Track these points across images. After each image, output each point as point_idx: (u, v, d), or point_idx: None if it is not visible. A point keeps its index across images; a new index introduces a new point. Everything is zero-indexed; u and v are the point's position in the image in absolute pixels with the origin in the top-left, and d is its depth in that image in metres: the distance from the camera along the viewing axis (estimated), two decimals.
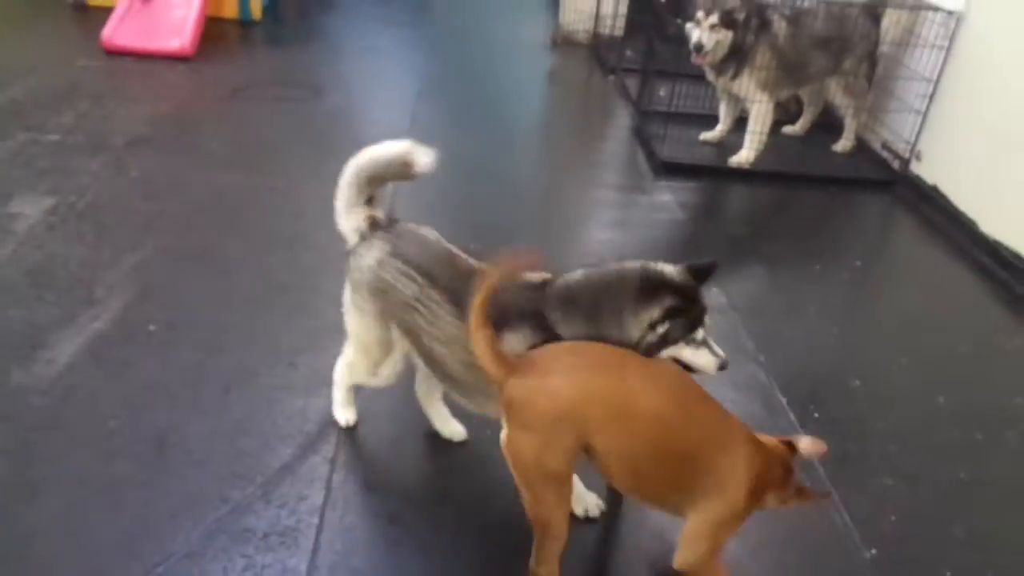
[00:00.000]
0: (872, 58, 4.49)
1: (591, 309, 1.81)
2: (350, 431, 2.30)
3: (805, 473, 2.30)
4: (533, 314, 1.83)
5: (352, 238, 2.09)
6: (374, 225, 2.07)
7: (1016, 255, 3.53)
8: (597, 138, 5.03)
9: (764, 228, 4.02)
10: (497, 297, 1.72)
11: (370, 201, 2.09)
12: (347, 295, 2.12)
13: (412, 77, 5.31)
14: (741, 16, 4.15)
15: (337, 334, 2.69)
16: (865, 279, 3.55)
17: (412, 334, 2.00)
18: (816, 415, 2.55)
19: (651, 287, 1.80)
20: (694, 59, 4.20)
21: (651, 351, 1.80)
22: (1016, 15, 3.73)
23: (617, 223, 3.85)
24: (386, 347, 2.09)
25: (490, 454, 2.19)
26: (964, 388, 2.81)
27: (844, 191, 4.34)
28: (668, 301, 1.78)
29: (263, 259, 3.08)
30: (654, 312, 1.78)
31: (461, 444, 2.30)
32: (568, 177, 4.37)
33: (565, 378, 1.65)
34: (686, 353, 1.83)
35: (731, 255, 3.58)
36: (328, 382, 2.43)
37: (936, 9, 4.18)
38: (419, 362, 2.09)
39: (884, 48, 4.50)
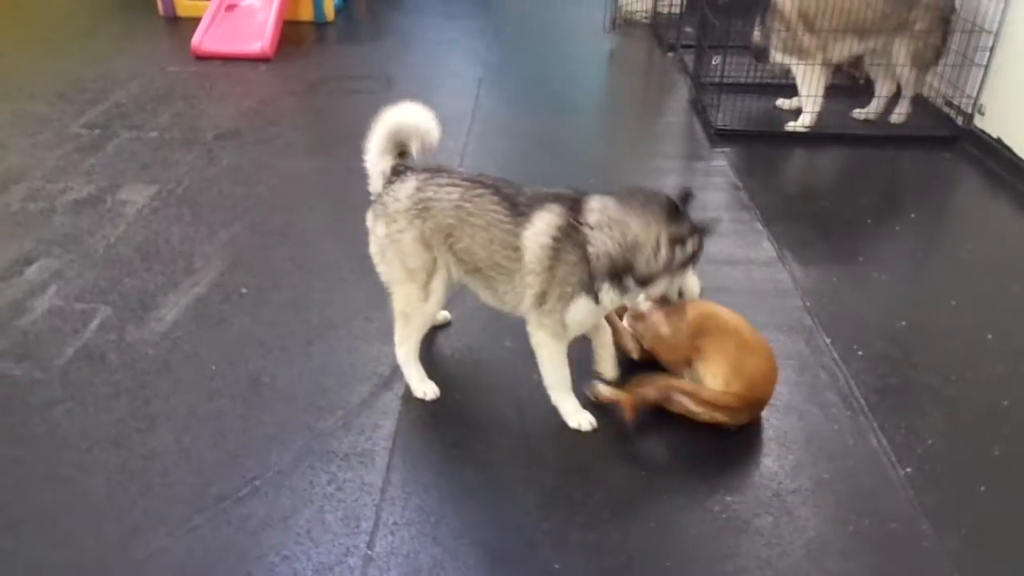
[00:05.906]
0: (947, 23, 4.21)
1: (621, 225, 2.06)
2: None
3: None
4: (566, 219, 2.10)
5: (377, 181, 2.36)
6: (395, 170, 2.31)
7: None
8: (656, 112, 5.15)
9: (818, 187, 4.09)
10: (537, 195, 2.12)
11: (402, 155, 2.34)
12: (379, 236, 2.33)
13: (476, 65, 5.53)
14: None
15: None
16: (920, 230, 3.58)
17: (453, 235, 2.21)
18: (860, 353, 2.65)
19: (678, 211, 2.04)
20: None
21: (672, 267, 2.01)
22: None
23: (674, 187, 3.98)
24: (430, 266, 2.29)
25: (537, 394, 2.38)
26: (1015, 325, 2.84)
27: (905, 150, 4.33)
28: (692, 225, 2.04)
29: (341, 230, 3.35)
30: (683, 230, 2.00)
31: (512, 383, 2.49)
32: (628, 149, 4.52)
33: None
34: (689, 275, 2.11)
35: (781, 211, 3.66)
36: None
37: None
38: (451, 267, 2.29)
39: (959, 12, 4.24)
